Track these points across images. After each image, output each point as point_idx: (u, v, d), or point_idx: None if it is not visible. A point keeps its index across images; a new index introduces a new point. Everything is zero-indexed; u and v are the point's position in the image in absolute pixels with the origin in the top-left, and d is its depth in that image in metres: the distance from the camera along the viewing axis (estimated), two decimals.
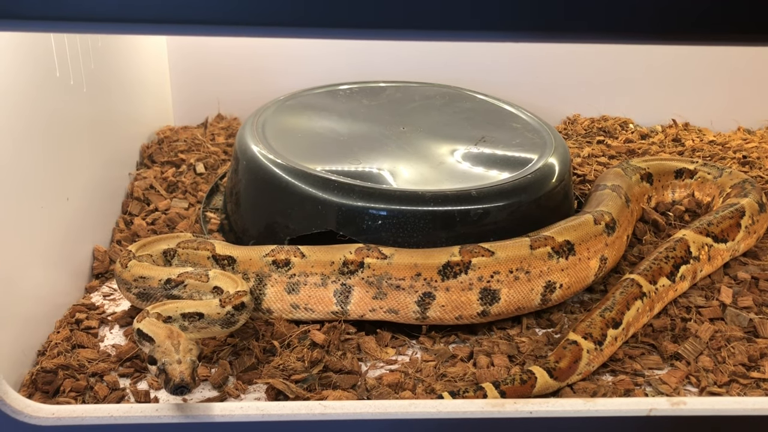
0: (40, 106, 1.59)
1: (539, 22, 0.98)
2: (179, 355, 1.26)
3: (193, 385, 1.23)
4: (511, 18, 0.98)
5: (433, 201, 1.68)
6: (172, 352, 1.27)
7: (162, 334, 1.33)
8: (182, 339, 1.32)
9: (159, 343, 1.31)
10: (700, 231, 1.80)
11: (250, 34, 1.02)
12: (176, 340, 1.31)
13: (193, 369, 1.25)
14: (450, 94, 2.28)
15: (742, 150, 2.49)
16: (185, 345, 1.29)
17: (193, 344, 1.31)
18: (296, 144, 1.91)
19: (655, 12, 0.97)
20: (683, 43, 1.14)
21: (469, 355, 1.58)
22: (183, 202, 2.14)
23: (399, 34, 1.02)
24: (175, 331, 1.34)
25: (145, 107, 2.43)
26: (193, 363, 1.26)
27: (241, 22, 0.98)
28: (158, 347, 1.29)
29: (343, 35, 1.02)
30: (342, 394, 1.42)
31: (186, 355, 1.27)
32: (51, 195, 1.64)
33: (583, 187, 2.24)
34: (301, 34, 1.02)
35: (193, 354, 1.28)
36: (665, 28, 1.00)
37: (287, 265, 1.63)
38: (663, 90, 2.76)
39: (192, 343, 1.31)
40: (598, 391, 1.47)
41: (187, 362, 1.25)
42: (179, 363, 1.25)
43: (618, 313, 1.58)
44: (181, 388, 1.21)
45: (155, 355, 1.28)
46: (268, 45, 2.66)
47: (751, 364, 1.54)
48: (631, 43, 1.19)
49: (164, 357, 1.26)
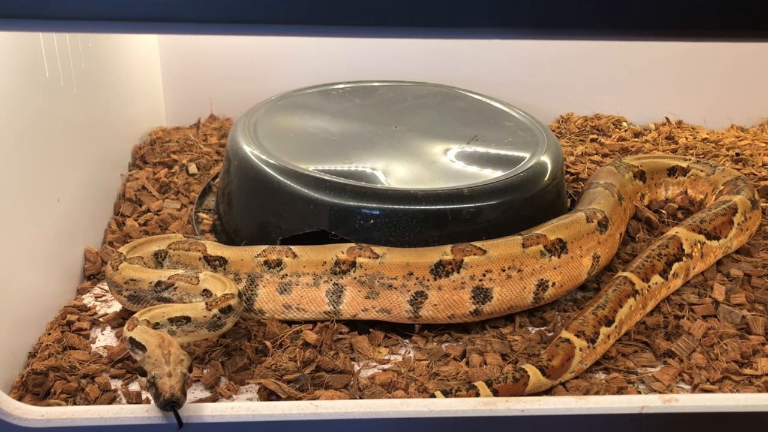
0: (30, 107, 1.58)
1: (533, 18, 0.98)
2: (170, 367, 1.24)
3: (184, 400, 1.20)
4: (505, 15, 0.98)
5: (425, 200, 1.68)
6: (163, 364, 1.25)
7: (153, 343, 1.31)
8: (173, 348, 1.30)
9: (149, 353, 1.29)
10: (693, 228, 1.80)
11: (240, 32, 1.02)
12: (167, 350, 1.28)
13: (183, 383, 1.22)
14: (443, 93, 2.28)
15: (735, 147, 2.49)
16: (176, 356, 1.27)
17: (184, 354, 1.29)
18: (288, 144, 1.91)
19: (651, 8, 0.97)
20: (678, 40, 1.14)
21: (461, 353, 1.58)
22: (175, 202, 2.13)
23: (392, 32, 1.02)
24: (166, 339, 1.33)
25: (137, 108, 2.42)
26: (184, 376, 1.24)
27: (232, 20, 0.98)
28: (148, 358, 1.27)
29: (336, 33, 1.02)
30: (334, 394, 1.42)
31: (177, 367, 1.24)
32: (41, 196, 1.63)
33: (576, 185, 2.24)
34: (293, 32, 1.01)
35: (183, 366, 1.26)
36: (660, 25, 0.99)
37: (279, 265, 1.63)
38: (656, 88, 2.76)
39: (183, 353, 1.29)
40: (591, 389, 1.46)
41: (178, 375, 1.23)
42: (169, 376, 1.22)
43: (611, 310, 1.58)
44: (171, 404, 1.19)
45: (145, 366, 1.26)
46: (260, 45, 2.65)
47: (744, 361, 1.54)
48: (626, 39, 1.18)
49: (154, 369, 1.24)
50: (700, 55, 2.70)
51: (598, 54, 2.71)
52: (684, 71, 2.73)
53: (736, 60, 2.71)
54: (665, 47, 2.69)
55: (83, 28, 1.08)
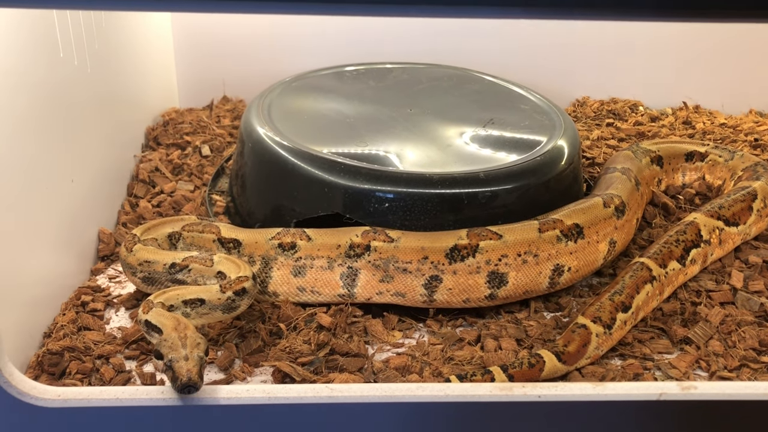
0: (45, 87, 1.57)
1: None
2: (186, 350, 1.24)
3: (201, 383, 1.19)
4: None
5: (440, 184, 1.66)
6: (179, 348, 1.24)
7: (169, 326, 1.31)
8: (189, 331, 1.29)
9: (166, 335, 1.28)
10: (711, 214, 1.78)
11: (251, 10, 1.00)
12: (183, 333, 1.28)
13: (200, 366, 1.22)
14: (458, 75, 2.25)
15: (753, 133, 2.46)
16: (192, 339, 1.27)
17: (201, 338, 1.28)
18: (302, 126, 1.89)
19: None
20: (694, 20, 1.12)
21: (476, 338, 1.57)
22: (188, 184, 2.12)
23: (406, 10, 1.00)
24: (182, 322, 1.32)
25: (150, 89, 2.41)
26: (201, 360, 1.23)
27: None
28: (164, 341, 1.27)
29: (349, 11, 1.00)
30: (349, 377, 1.42)
31: (193, 351, 1.24)
32: (56, 177, 1.63)
33: (592, 170, 2.22)
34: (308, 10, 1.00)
35: (200, 349, 1.25)
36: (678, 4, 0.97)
37: (293, 248, 1.62)
38: (673, 72, 2.72)
39: (199, 336, 1.29)
40: (607, 375, 1.45)
41: (195, 359, 1.22)
42: (186, 360, 1.22)
43: (627, 296, 1.57)
44: (189, 387, 1.18)
45: (162, 349, 1.25)
46: (273, 26, 2.63)
47: (762, 349, 1.53)
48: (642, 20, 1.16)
49: (171, 353, 1.23)
50: (718, 39, 2.66)
51: (614, 37, 2.67)
52: (702, 55, 2.69)
53: (755, 44, 2.67)
54: (682, 31, 2.65)
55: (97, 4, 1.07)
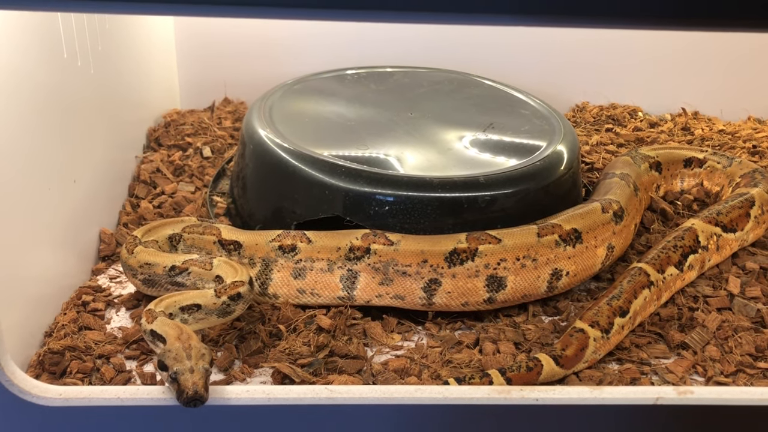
0: (48, 87, 1.58)
1: (549, 5, 0.97)
2: (191, 362, 1.22)
3: (207, 396, 1.18)
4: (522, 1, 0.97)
5: (440, 187, 1.67)
6: (184, 359, 1.23)
7: (172, 335, 1.30)
8: (193, 341, 1.28)
9: (169, 346, 1.27)
10: (709, 220, 1.79)
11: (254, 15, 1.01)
12: (187, 343, 1.27)
13: (206, 379, 1.21)
14: (458, 79, 2.26)
15: (752, 139, 2.47)
16: (197, 350, 1.25)
17: (206, 348, 1.27)
18: (303, 129, 1.90)
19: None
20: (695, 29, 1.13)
21: (475, 341, 1.58)
22: (190, 185, 2.13)
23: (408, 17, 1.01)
24: (184, 331, 1.31)
25: (151, 90, 2.42)
26: (206, 372, 1.22)
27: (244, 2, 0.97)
28: (168, 351, 1.26)
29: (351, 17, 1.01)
30: (348, 379, 1.42)
31: (198, 363, 1.22)
32: (58, 177, 1.64)
33: (591, 175, 2.23)
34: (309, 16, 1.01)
35: (205, 360, 1.24)
36: (677, 13, 0.98)
37: (293, 250, 1.63)
38: (673, 78, 2.74)
39: (204, 347, 1.27)
40: (605, 379, 1.46)
41: (200, 371, 1.21)
42: (192, 372, 1.20)
43: (625, 301, 1.58)
44: (195, 401, 1.17)
45: (166, 361, 1.24)
46: (275, 29, 2.64)
47: (758, 354, 1.54)
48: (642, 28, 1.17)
49: (176, 364, 1.22)
50: (717, 46, 2.67)
51: (614, 43, 2.68)
52: (701, 62, 2.70)
53: (754, 51, 2.68)
54: (682, 37, 2.66)
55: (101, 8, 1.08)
